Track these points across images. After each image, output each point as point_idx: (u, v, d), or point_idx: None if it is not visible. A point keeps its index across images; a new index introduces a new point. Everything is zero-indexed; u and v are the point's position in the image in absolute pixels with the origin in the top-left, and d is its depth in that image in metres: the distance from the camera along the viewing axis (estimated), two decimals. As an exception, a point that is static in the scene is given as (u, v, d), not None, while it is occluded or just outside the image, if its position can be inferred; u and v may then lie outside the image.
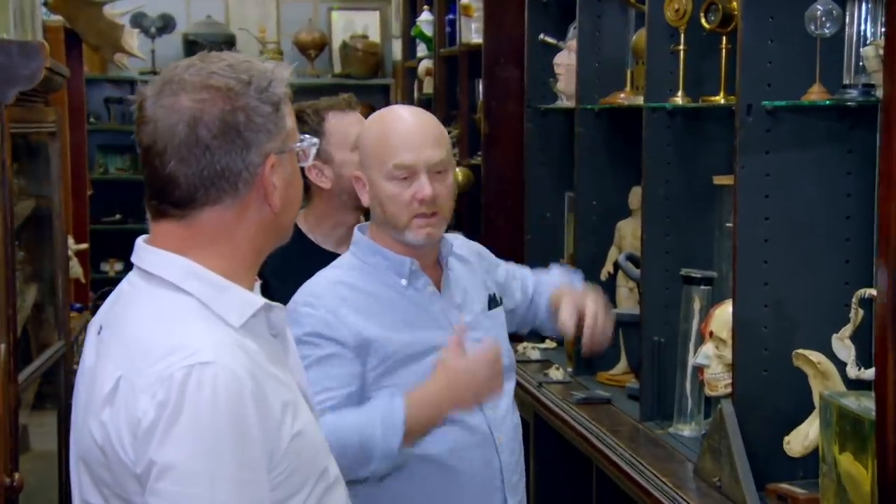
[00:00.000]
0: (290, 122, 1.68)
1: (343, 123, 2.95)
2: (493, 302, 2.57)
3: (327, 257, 2.83)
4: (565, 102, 4.12)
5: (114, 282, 7.04)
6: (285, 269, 2.75)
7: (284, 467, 1.59)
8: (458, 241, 2.62)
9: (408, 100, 7.13)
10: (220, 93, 1.58)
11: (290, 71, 1.70)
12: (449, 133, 5.96)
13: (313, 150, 1.75)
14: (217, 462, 1.49)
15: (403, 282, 2.40)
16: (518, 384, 2.88)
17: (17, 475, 2.51)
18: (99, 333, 1.69)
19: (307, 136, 1.75)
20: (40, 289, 3.45)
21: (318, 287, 2.41)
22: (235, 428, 1.51)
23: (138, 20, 7.88)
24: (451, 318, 2.44)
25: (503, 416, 2.47)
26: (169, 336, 1.56)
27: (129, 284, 1.69)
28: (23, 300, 3.19)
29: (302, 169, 1.79)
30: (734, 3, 2.83)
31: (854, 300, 2.54)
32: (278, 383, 1.63)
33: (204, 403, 1.49)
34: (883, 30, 2.39)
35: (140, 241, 1.68)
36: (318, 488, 1.68)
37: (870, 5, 2.51)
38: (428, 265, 2.44)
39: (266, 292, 2.65)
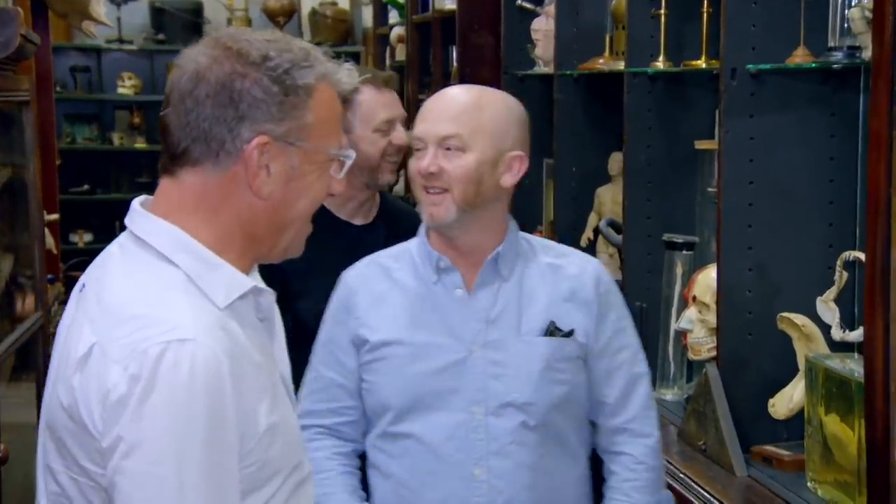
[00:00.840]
0: (312, 117, 1.57)
1: (374, 101, 2.89)
2: (551, 330, 2.21)
3: (341, 226, 2.89)
4: (543, 68, 4.12)
5: (83, 253, 7.11)
6: None
7: (256, 458, 1.54)
8: (584, 262, 2.32)
9: (379, 66, 7.11)
10: (231, 55, 1.54)
11: (347, 74, 1.63)
12: (421, 100, 5.98)
13: (347, 164, 1.67)
14: (187, 443, 1.44)
15: (434, 277, 2.23)
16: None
17: (2, 446, 2.50)
18: (81, 290, 1.63)
19: (346, 150, 1.67)
20: (16, 260, 3.43)
21: (361, 263, 2.36)
22: (211, 409, 1.46)
23: (104, -14, 7.83)
24: (470, 331, 2.20)
25: (496, 451, 2.17)
26: (149, 308, 1.51)
27: (119, 247, 1.63)
28: (-1, 271, 3.18)
29: None
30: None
31: (838, 263, 2.56)
32: (258, 370, 1.58)
33: (179, 382, 1.44)
34: (869, -9, 2.41)
35: (135, 204, 1.62)
36: (289, 482, 1.63)
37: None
38: (474, 264, 2.23)
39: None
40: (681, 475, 2.61)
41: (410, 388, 2.20)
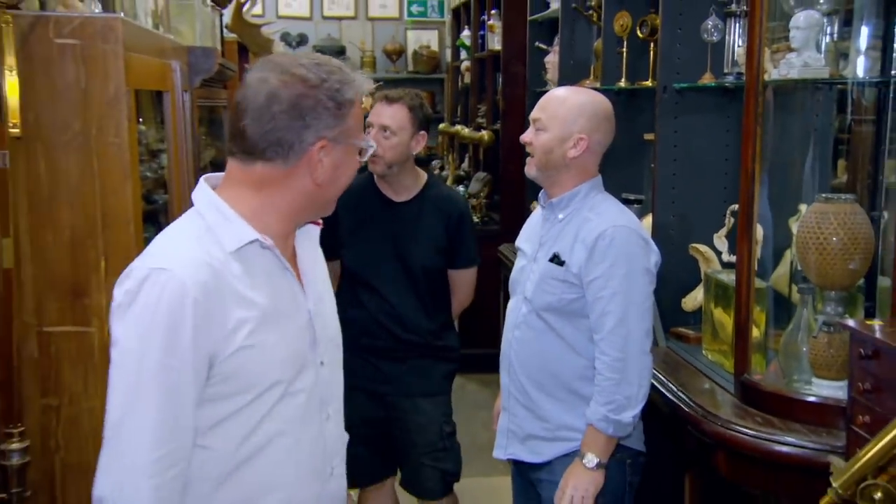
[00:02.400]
0: (353, 121, 1.40)
1: (373, 109, 2.66)
2: (553, 258, 2.08)
3: (384, 201, 2.65)
4: (552, 87, 4.09)
5: None
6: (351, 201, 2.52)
7: (226, 369, 1.34)
8: (605, 221, 2.04)
9: (454, 88, 7.09)
10: (298, 80, 1.35)
11: (368, 85, 1.43)
12: (478, 109, 5.93)
13: (369, 152, 1.48)
14: (147, 346, 1.29)
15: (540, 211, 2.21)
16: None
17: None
18: None
19: (369, 141, 1.49)
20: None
21: None
22: (169, 323, 1.28)
23: (284, 37, 7.88)
24: (535, 247, 2.16)
25: (518, 325, 2.15)
26: (158, 246, 1.38)
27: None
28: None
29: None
30: (657, 21, 2.80)
31: (728, 212, 2.55)
32: (245, 303, 1.35)
33: (150, 299, 1.29)
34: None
35: (202, 179, 1.45)
36: (267, 397, 1.38)
37: (742, 21, 2.48)
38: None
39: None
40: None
41: (513, 276, 2.22)
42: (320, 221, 1.54)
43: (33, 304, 1.80)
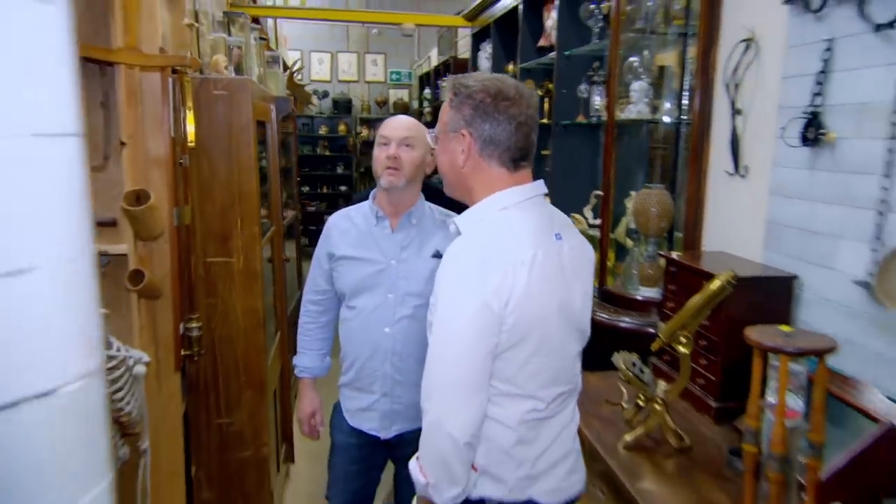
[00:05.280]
0: None
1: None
2: (435, 254, 1.54)
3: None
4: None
5: (308, 195, 6.90)
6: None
7: None
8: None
9: (421, 124, 7.12)
10: None
11: None
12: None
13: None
14: None
15: (374, 221, 1.58)
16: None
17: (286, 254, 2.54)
18: (559, 238, 1.09)
19: None
20: (287, 194, 3.54)
21: (338, 213, 1.66)
22: None
23: (315, 92, 7.80)
24: (391, 252, 1.55)
25: (399, 319, 1.53)
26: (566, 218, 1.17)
27: (544, 205, 1.11)
28: (281, 197, 3.26)
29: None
30: (551, 85, 2.84)
31: (592, 195, 2.59)
32: None
33: None
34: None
35: (540, 182, 1.11)
36: None
37: (600, 86, 2.55)
38: (396, 215, 1.58)
39: None
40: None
41: (356, 281, 1.57)
42: None
43: (201, 245, 1.89)
